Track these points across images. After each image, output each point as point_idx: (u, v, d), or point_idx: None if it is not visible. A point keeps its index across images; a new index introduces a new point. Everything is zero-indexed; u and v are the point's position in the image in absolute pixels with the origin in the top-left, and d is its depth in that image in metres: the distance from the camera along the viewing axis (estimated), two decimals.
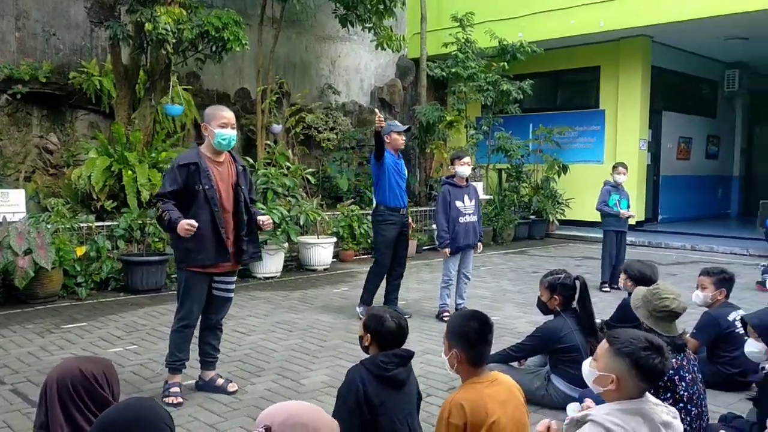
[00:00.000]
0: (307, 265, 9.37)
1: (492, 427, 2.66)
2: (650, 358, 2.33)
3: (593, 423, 2.31)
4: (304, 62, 13.86)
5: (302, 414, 1.57)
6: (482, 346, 2.86)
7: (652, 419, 2.32)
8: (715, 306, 4.67)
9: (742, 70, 15.70)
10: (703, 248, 11.58)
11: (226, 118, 4.17)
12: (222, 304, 4.43)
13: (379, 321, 3.19)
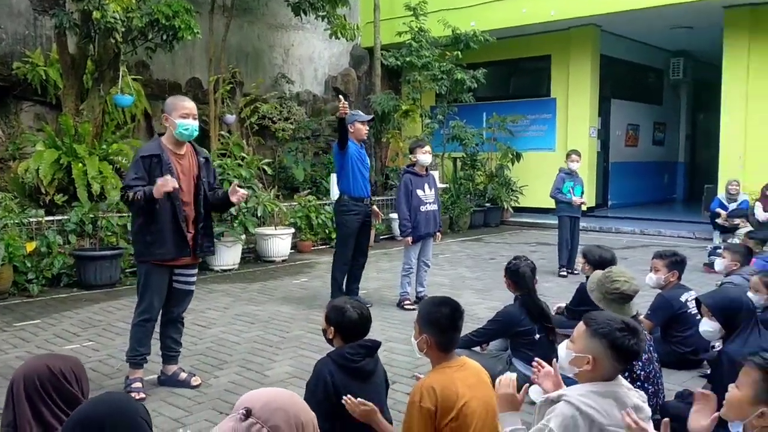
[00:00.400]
0: (265, 257, 9.30)
1: (462, 409, 2.71)
2: (626, 339, 2.38)
3: (567, 403, 2.36)
4: (256, 51, 13.68)
5: (283, 399, 1.57)
6: (452, 332, 2.91)
7: (624, 402, 2.38)
8: (668, 288, 4.83)
9: (686, 58, 16.17)
10: (652, 232, 11.95)
11: (187, 109, 4.10)
12: (183, 297, 4.38)
13: (341, 312, 3.19)
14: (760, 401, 2.07)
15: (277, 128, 12.28)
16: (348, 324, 3.19)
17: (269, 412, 1.52)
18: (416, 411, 2.77)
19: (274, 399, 1.56)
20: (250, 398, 1.58)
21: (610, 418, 2.34)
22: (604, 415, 2.34)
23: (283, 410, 1.53)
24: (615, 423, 2.34)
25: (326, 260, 9.39)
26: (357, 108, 15.29)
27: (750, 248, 6.20)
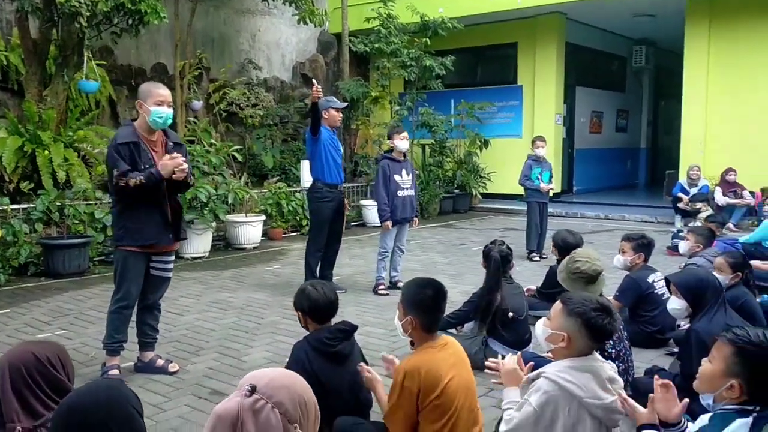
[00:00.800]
0: (235, 244, 9.25)
1: (445, 388, 2.79)
2: (600, 318, 2.49)
3: (546, 379, 2.46)
4: (223, 36, 13.51)
5: (286, 378, 1.61)
6: (436, 313, 2.98)
7: (600, 375, 2.49)
8: (635, 269, 4.98)
9: (648, 46, 16.49)
10: (616, 217, 12.21)
11: (162, 96, 4.06)
12: (160, 284, 4.37)
13: (306, 296, 3.26)
14: (730, 374, 2.17)
15: (246, 115, 12.18)
16: (315, 307, 3.26)
17: (273, 389, 1.55)
18: (398, 390, 2.83)
19: (278, 377, 1.60)
20: (254, 376, 1.61)
21: (587, 391, 2.44)
22: (582, 389, 2.44)
23: (287, 388, 1.57)
24: (592, 395, 2.44)
25: (298, 247, 9.40)
26: (326, 95, 15.24)
27: (713, 231, 6.42)
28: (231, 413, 1.51)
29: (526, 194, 8.60)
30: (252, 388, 1.54)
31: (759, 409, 2.11)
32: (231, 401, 1.54)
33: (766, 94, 11.57)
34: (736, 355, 2.18)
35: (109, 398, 1.75)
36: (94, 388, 1.82)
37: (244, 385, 1.56)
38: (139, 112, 4.13)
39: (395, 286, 6.71)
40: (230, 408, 1.53)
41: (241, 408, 1.52)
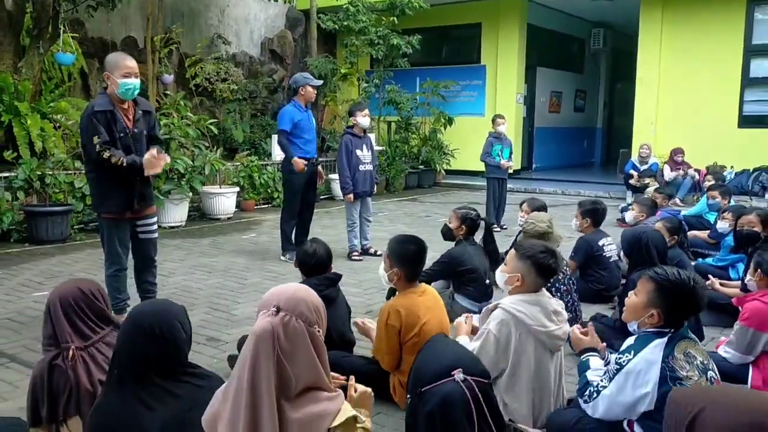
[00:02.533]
0: (210, 215, 9.58)
1: (423, 327, 3.31)
2: (546, 258, 3.04)
3: (503, 310, 2.99)
4: (192, 11, 13.64)
5: (300, 291, 2.05)
6: (418, 265, 3.51)
7: (547, 308, 3.03)
8: (587, 233, 5.55)
9: (606, 29, 17.16)
10: (572, 193, 12.88)
11: (129, 68, 4.24)
12: (149, 245, 4.69)
13: (301, 250, 3.84)
14: (651, 305, 2.69)
15: (217, 89, 12.39)
16: (301, 257, 3.80)
17: (293, 304, 2.00)
18: (383, 328, 3.33)
19: (293, 293, 2.04)
20: (273, 296, 2.05)
21: (535, 320, 2.99)
22: (531, 318, 2.99)
23: (303, 300, 2.02)
24: (539, 323, 3.00)
25: (270, 218, 9.79)
26: (294, 71, 15.49)
27: (655, 202, 7.05)
28: (267, 330, 1.95)
29: (486, 170, 9.12)
30: (277, 308, 1.99)
31: (673, 331, 2.65)
32: (263, 321, 1.98)
33: (713, 78, 12.30)
34: (656, 290, 2.69)
35: (159, 310, 2.22)
36: (151, 303, 2.31)
37: (269, 307, 2.00)
38: (107, 84, 4.32)
39: (367, 252, 7.20)
40: (265, 326, 1.96)
41: (273, 325, 1.96)
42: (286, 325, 1.95)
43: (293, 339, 1.95)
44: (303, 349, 1.96)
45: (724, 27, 12.15)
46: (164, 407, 2.04)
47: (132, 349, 2.08)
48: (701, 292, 2.66)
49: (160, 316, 2.18)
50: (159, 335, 2.10)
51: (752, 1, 11.99)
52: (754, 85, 12.21)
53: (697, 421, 1.36)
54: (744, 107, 12.27)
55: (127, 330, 2.14)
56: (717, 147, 12.04)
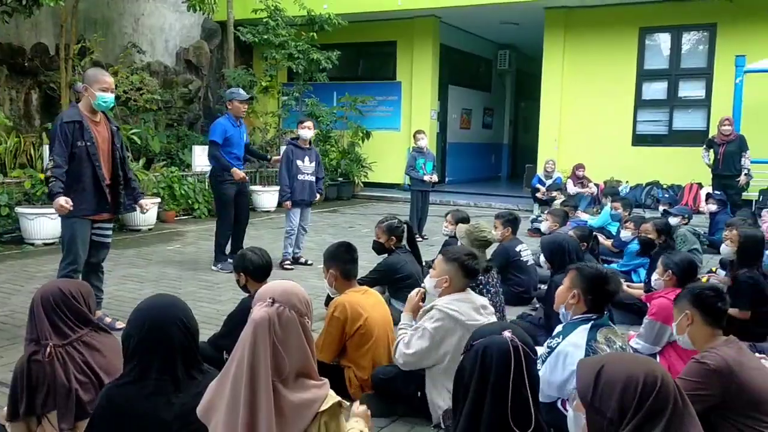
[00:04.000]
0: (130, 225, 9.44)
1: (367, 320, 3.62)
2: (470, 261, 3.46)
3: (437, 309, 3.35)
4: (106, 19, 13.34)
5: (291, 287, 2.28)
6: (351, 264, 3.88)
7: (475, 303, 3.43)
8: (506, 240, 6.02)
9: (511, 51, 18.16)
10: (483, 205, 13.54)
11: (107, 83, 4.63)
12: (101, 248, 4.89)
13: (247, 260, 3.94)
14: (573, 286, 3.16)
15: (131, 98, 12.16)
16: (255, 266, 3.93)
17: (287, 297, 2.23)
18: (328, 319, 3.66)
19: (286, 288, 2.27)
20: (269, 291, 2.27)
21: (467, 315, 3.37)
22: (463, 314, 3.36)
23: (295, 294, 2.26)
24: (470, 318, 3.36)
25: (193, 229, 9.77)
26: (209, 82, 15.43)
27: (567, 213, 7.67)
28: (264, 318, 2.17)
29: (411, 183, 9.53)
30: (273, 300, 2.21)
31: (596, 317, 3.08)
32: (260, 311, 2.20)
33: (610, 99, 13.36)
34: (576, 275, 3.19)
35: (181, 303, 2.40)
36: (168, 296, 2.47)
37: (266, 299, 2.22)
38: (83, 95, 4.63)
39: (297, 262, 7.39)
40: (263, 315, 2.18)
41: (270, 313, 2.18)
42: (280, 315, 2.18)
43: (287, 327, 2.18)
44: (295, 336, 2.19)
45: (620, 52, 13.24)
46: (182, 396, 2.20)
47: (164, 338, 2.22)
48: (614, 278, 3.14)
49: (184, 308, 2.36)
50: (188, 326, 2.26)
51: (644, 29, 13.14)
52: (645, 106, 13.36)
53: (600, 375, 1.74)
54: (637, 127, 13.39)
55: (156, 319, 2.25)
56: (613, 163, 13.07)
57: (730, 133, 9.71)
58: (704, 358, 2.74)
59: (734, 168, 9.67)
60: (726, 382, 2.63)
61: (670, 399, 1.69)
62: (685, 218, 8.05)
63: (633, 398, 1.68)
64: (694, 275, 4.35)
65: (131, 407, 2.16)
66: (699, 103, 12.91)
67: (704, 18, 12.50)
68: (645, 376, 1.70)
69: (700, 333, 2.91)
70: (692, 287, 3.06)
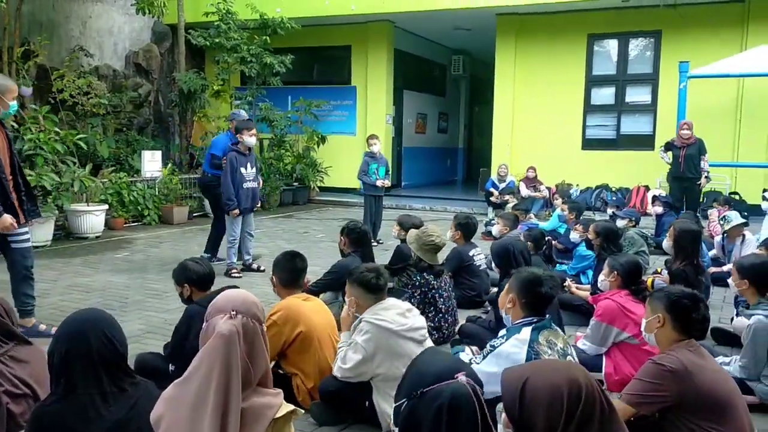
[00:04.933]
0: (77, 233, 9.18)
1: (309, 325, 3.64)
2: (369, 276, 3.48)
3: (365, 321, 3.40)
4: (51, 22, 12.97)
5: (248, 297, 2.26)
6: (291, 271, 3.89)
7: (400, 308, 3.48)
8: (459, 245, 6.06)
9: (465, 56, 18.34)
10: (439, 209, 13.64)
11: (17, 91, 4.61)
12: (25, 252, 4.79)
13: (191, 270, 3.87)
14: (510, 290, 3.24)
15: (79, 103, 11.86)
16: (199, 276, 3.87)
17: (247, 307, 2.23)
18: (269, 323, 3.59)
19: (244, 298, 2.27)
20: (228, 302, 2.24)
21: (395, 322, 3.39)
22: (392, 321, 3.38)
23: (253, 303, 2.26)
24: (399, 323, 3.39)
25: (143, 236, 9.58)
26: (160, 85, 15.16)
27: (518, 216, 7.77)
28: (232, 331, 2.16)
29: (364, 188, 9.52)
30: (235, 311, 2.19)
31: (536, 320, 3.12)
32: (226, 324, 2.18)
33: (561, 104, 13.61)
34: (513, 279, 3.26)
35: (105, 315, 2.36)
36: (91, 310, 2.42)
37: (227, 311, 2.19)
38: None
39: (249, 268, 7.30)
40: (230, 328, 2.17)
41: (236, 326, 2.17)
42: (245, 327, 2.18)
43: (251, 337, 2.19)
44: (258, 345, 2.21)
45: (569, 58, 13.50)
46: (113, 410, 2.15)
47: (86, 352, 2.16)
48: (549, 281, 3.18)
49: (108, 321, 2.32)
50: (110, 338, 2.20)
51: (592, 36, 13.44)
52: (594, 111, 13.65)
53: (525, 387, 1.73)
54: (586, 131, 13.67)
55: (75, 333, 2.20)
56: (564, 167, 13.32)
57: (690, 137, 9.94)
58: (662, 360, 2.78)
59: (695, 170, 9.89)
60: (682, 384, 2.67)
61: (597, 404, 1.69)
62: (632, 221, 8.23)
63: (561, 411, 1.67)
64: (639, 276, 4.45)
65: (61, 425, 2.10)
66: (646, 107, 13.25)
67: (650, 25, 12.85)
68: (569, 386, 1.69)
69: (666, 336, 2.94)
70: (671, 291, 3.06)
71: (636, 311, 4.11)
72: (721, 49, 11.71)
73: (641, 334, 4.05)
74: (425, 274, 4.93)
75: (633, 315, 4.11)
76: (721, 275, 6.78)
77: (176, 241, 9.36)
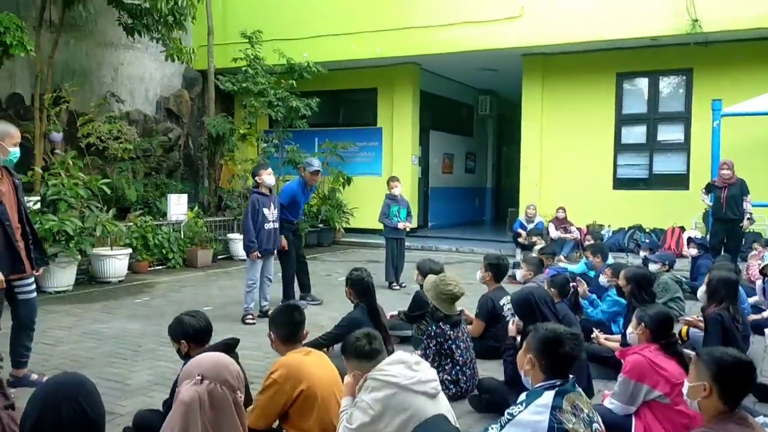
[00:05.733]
0: (100, 278, 9.18)
1: (311, 382, 3.42)
2: (360, 343, 3.33)
3: (372, 379, 3.18)
4: (84, 69, 13.31)
5: (222, 360, 2.10)
6: (288, 327, 3.66)
7: (407, 361, 3.24)
8: (489, 285, 5.83)
9: (492, 96, 18.28)
10: (466, 250, 13.39)
11: (18, 137, 4.51)
12: (30, 304, 4.69)
13: (187, 325, 3.71)
14: (528, 351, 2.97)
15: (110, 148, 12.04)
16: (196, 330, 3.69)
17: (217, 372, 2.05)
18: (268, 382, 3.43)
19: (216, 362, 2.09)
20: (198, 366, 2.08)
21: (402, 376, 3.16)
22: (398, 376, 3.16)
23: (226, 367, 2.08)
24: (408, 377, 3.16)
25: (166, 279, 9.54)
26: (190, 130, 15.38)
27: (542, 260, 7.50)
28: (194, 398, 1.99)
29: (384, 230, 9.37)
30: (202, 376, 2.03)
31: (560, 383, 2.87)
32: (189, 390, 2.01)
33: (590, 143, 13.37)
34: (530, 336, 2.99)
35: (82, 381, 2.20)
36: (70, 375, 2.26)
37: (192, 377, 2.03)
38: None
39: (266, 315, 7.13)
40: (192, 395, 2.00)
41: (200, 392, 2.00)
42: (211, 393, 2.01)
43: (219, 406, 2.00)
44: (227, 415, 2.02)
45: (598, 97, 13.31)
46: None
47: (57, 420, 2.03)
48: (570, 339, 2.91)
49: (85, 388, 2.16)
50: (84, 408, 2.07)
51: (621, 75, 13.25)
52: (625, 150, 13.36)
53: None
54: (618, 171, 13.37)
55: (50, 399, 2.07)
56: (595, 207, 13.01)
57: (731, 177, 9.59)
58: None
59: (737, 211, 9.47)
60: None
61: None
62: (665, 265, 7.88)
63: None
64: (670, 329, 4.15)
65: None
66: (678, 146, 12.93)
67: (680, 63, 12.62)
68: None
69: (713, 407, 2.70)
70: (721, 356, 2.78)
71: (667, 367, 3.81)
72: (753, 86, 11.39)
73: (673, 393, 3.81)
74: (441, 324, 4.71)
75: (664, 371, 3.81)
76: (762, 323, 6.42)
77: (198, 285, 9.29)
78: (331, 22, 13.97)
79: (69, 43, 12.79)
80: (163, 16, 11.35)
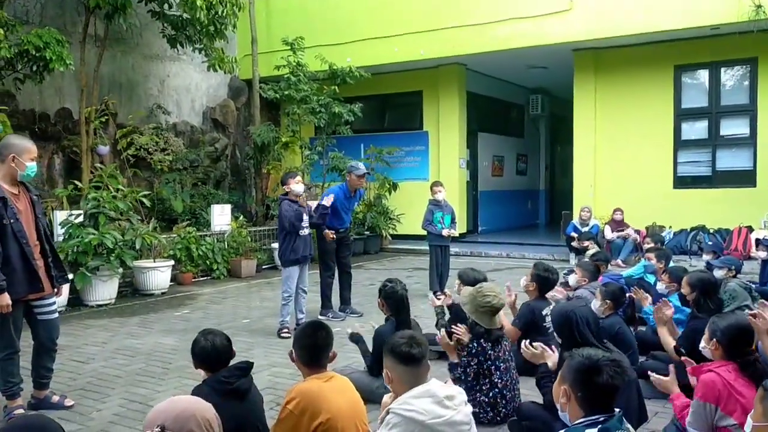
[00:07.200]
0: (143, 290, 9.15)
1: (328, 416, 3.04)
2: (404, 346, 2.94)
3: (392, 413, 2.82)
4: (130, 81, 13.45)
5: (188, 405, 1.81)
6: (312, 349, 3.28)
7: (437, 395, 2.86)
8: (531, 296, 5.42)
9: (543, 95, 17.67)
10: (516, 255, 12.88)
11: (35, 152, 4.38)
12: (50, 325, 4.51)
13: (195, 345, 3.48)
14: (562, 382, 2.54)
15: (154, 159, 12.11)
16: (207, 355, 3.42)
17: (181, 423, 1.76)
18: (284, 413, 3.10)
19: (182, 410, 1.80)
20: (159, 413, 1.80)
21: (429, 413, 2.79)
22: (423, 413, 2.79)
23: (192, 415, 1.78)
24: (434, 415, 2.79)
25: (208, 291, 9.44)
26: (237, 139, 15.39)
27: (598, 267, 7.01)
28: None
29: (428, 237, 9.00)
30: (162, 429, 1.74)
31: (603, 419, 2.46)
32: None
33: (647, 141, 12.67)
34: (565, 365, 2.57)
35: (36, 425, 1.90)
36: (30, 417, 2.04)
37: (154, 426, 1.75)
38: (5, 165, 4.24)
39: None
40: None
41: None
42: None
43: None
44: None
45: (655, 92, 12.61)
46: None
47: None
48: (609, 368, 2.49)
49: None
50: None
51: (679, 67, 12.52)
52: (685, 147, 12.61)
53: None
54: (678, 168, 12.63)
55: None
56: (654, 208, 12.30)
57: None
58: None
59: None
60: None
61: None
62: (731, 270, 7.24)
63: None
64: (748, 345, 3.58)
65: None
66: (743, 141, 12.11)
67: (743, 53, 11.82)
68: None
69: None
70: None
71: (746, 394, 3.25)
72: None
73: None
74: (482, 341, 4.34)
75: (742, 398, 3.26)
76: None
77: (240, 296, 9.14)
78: (373, 26, 13.71)
79: (116, 57, 12.94)
80: (204, 26, 11.33)
